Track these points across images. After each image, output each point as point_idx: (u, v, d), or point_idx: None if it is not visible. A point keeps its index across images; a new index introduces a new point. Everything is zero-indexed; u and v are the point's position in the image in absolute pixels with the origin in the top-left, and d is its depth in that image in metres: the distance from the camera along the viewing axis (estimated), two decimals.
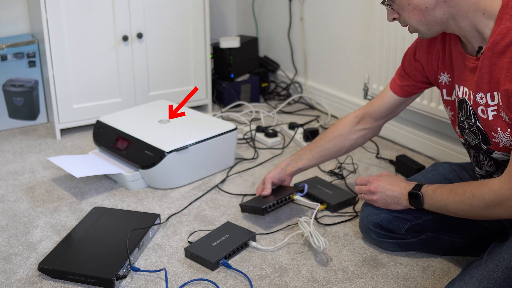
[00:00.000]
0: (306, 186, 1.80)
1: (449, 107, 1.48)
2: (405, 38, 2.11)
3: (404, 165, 2.04)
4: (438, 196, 1.39)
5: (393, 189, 1.50)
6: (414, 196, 1.44)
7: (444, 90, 1.47)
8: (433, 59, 1.47)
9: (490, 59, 1.25)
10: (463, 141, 1.45)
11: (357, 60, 2.49)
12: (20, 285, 1.45)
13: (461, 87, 1.37)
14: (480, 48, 1.28)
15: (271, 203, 1.67)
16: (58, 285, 1.45)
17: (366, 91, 2.42)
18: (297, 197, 1.72)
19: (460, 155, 2.05)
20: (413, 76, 1.57)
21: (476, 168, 1.45)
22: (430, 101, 2.07)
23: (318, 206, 1.71)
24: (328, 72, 2.70)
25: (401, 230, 1.52)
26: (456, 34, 1.35)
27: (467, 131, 1.39)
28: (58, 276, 1.46)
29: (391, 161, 2.15)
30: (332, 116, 2.65)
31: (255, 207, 1.69)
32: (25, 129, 2.54)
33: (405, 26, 1.35)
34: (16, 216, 1.78)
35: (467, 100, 1.35)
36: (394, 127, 2.33)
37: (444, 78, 1.45)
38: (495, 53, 1.23)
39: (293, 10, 2.82)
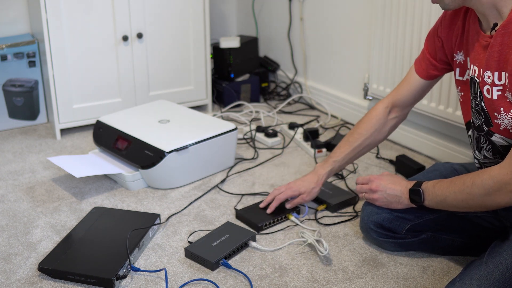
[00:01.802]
0: (307, 209, 1.79)
1: (459, 87, 1.47)
2: (405, 38, 2.12)
3: (404, 165, 2.04)
4: (438, 190, 1.39)
5: (394, 188, 1.50)
6: (415, 192, 1.44)
7: (458, 69, 1.46)
8: (453, 36, 1.46)
9: (503, 37, 1.24)
10: (470, 121, 1.44)
11: (357, 60, 2.49)
12: (20, 285, 1.45)
13: (472, 66, 1.36)
14: (495, 25, 1.27)
15: (267, 222, 1.70)
16: (58, 285, 1.45)
17: (366, 91, 2.42)
18: (294, 218, 1.73)
19: (460, 155, 2.05)
20: (434, 56, 1.55)
21: (476, 151, 1.44)
22: (430, 101, 2.07)
23: (316, 231, 1.68)
24: (328, 72, 2.70)
25: (402, 229, 1.52)
26: (475, 13, 1.35)
27: (473, 110, 1.39)
28: (58, 276, 1.46)
29: (391, 161, 2.15)
30: (332, 116, 2.65)
31: (251, 222, 1.70)
32: (25, 129, 2.54)
33: None
34: (16, 216, 1.78)
35: (476, 78, 1.35)
36: None
37: (459, 57, 1.45)
38: (508, 31, 1.22)
39: (293, 10, 2.82)
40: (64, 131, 2.46)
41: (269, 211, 1.73)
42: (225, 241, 1.58)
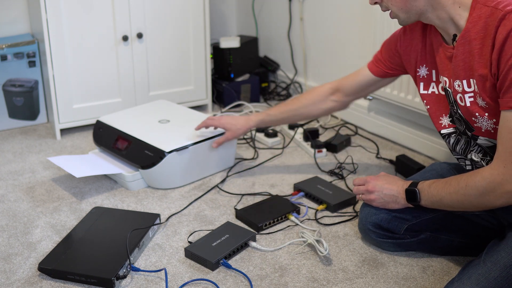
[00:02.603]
0: (306, 209, 1.79)
1: (425, 101, 1.53)
2: None
3: (404, 165, 2.04)
4: (433, 190, 1.40)
5: (391, 188, 1.50)
6: (411, 192, 1.45)
7: (421, 84, 1.52)
8: (412, 51, 1.53)
9: (464, 47, 1.30)
10: (453, 130, 1.46)
11: (357, 60, 2.49)
12: (20, 285, 1.45)
13: (442, 77, 1.42)
14: (455, 36, 1.33)
15: (268, 222, 1.69)
16: (58, 285, 1.45)
17: None
18: (294, 218, 1.73)
19: None
20: (388, 62, 1.66)
21: (468, 155, 1.45)
22: None
23: (316, 231, 1.67)
24: (328, 72, 2.70)
25: (400, 229, 1.52)
26: (435, 27, 1.41)
27: (454, 118, 1.43)
28: (58, 276, 1.46)
29: (391, 161, 2.15)
30: (332, 116, 2.65)
31: (251, 221, 1.70)
32: (25, 129, 2.54)
33: (385, 11, 1.41)
34: (16, 216, 1.78)
35: (448, 88, 1.40)
36: (394, 127, 2.33)
37: (422, 71, 1.50)
38: (467, 40, 1.28)
39: (293, 10, 2.82)
40: (64, 131, 2.46)
41: (196, 128, 1.97)
42: (225, 241, 1.58)
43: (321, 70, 2.74)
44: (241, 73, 2.84)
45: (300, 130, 2.40)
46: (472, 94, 1.32)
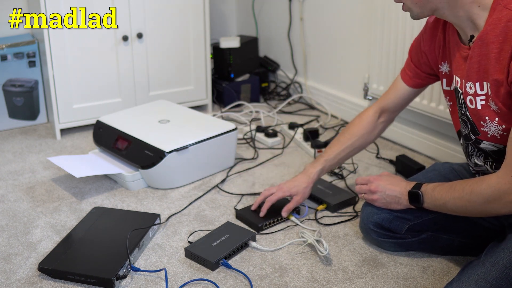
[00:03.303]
0: (306, 209, 1.79)
1: (448, 97, 1.49)
2: (405, 39, 2.11)
3: (404, 165, 2.04)
4: (437, 194, 1.39)
5: (394, 189, 1.50)
6: (414, 195, 1.45)
7: (444, 80, 1.48)
8: (435, 48, 1.49)
9: (480, 49, 1.26)
10: (459, 131, 1.46)
11: (357, 60, 2.49)
12: (20, 285, 1.45)
13: (455, 76, 1.39)
14: (472, 36, 1.30)
15: (268, 222, 1.69)
16: (58, 285, 1.45)
17: (366, 91, 2.42)
18: (294, 218, 1.73)
19: (460, 155, 2.05)
20: (419, 67, 1.58)
21: (467, 159, 1.45)
22: (430, 101, 2.07)
23: (316, 231, 1.66)
24: (328, 72, 2.70)
25: (402, 229, 1.52)
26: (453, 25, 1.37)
27: (460, 120, 1.41)
28: (58, 276, 1.46)
29: (391, 161, 2.15)
30: (332, 116, 2.65)
31: (251, 222, 1.70)
32: (25, 129, 2.54)
33: (398, 2, 1.35)
34: (16, 216, 1.78)
35: (458, 89, 1.37)
36: (394, 127, 2.33)
37: (444, 67, 1.47)
38: (484, 42, 1.25)
39: (293, 10, 2.82)
40: (64, 131, 2.46)
41: (261, 214, 1.71)
42: (225, 241, 1.58)
43: (321, 70, 2.74)
44: (241, 73, 2.84)
45: (300, 130, 2.40)
46: (484, 97, 1.29)
